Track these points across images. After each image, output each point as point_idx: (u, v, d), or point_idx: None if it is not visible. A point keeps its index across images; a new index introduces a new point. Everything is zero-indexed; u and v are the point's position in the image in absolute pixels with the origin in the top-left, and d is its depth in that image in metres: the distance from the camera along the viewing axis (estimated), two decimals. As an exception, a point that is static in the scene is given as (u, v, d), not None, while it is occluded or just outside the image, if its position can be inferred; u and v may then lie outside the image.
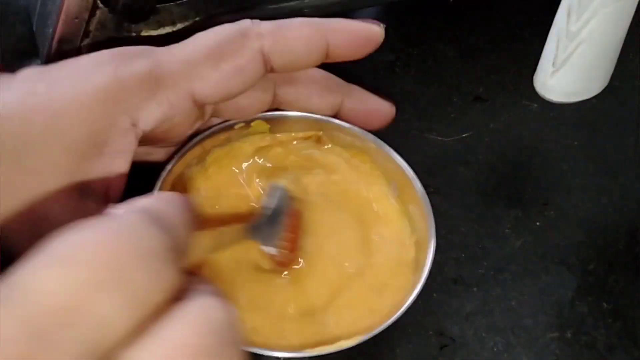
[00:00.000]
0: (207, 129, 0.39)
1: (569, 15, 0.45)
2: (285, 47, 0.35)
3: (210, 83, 0.34)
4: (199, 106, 0.35)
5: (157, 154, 0.38)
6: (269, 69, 0.36)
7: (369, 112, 0.39)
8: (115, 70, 0.33)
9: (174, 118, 0.35)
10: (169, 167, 0.36)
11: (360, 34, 0.37)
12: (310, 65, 0.37)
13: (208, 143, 0.39)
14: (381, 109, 0.39)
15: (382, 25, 0.37)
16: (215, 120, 0.39)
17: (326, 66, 0.48)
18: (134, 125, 0.34)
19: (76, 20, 0.40)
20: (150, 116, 0.34)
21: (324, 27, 0.36)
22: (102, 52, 0.35)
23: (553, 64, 0.47)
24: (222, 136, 0.39)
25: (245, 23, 0.35)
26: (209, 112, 0.38)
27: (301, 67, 0.37)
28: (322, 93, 0.39)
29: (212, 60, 0.34)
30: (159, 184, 0.36)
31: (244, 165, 0.39)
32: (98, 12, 0.40)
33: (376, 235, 0.38)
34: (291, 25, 0.36)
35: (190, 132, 0.38)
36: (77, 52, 0.41)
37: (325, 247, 0.37)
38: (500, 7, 0.54)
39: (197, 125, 0.38)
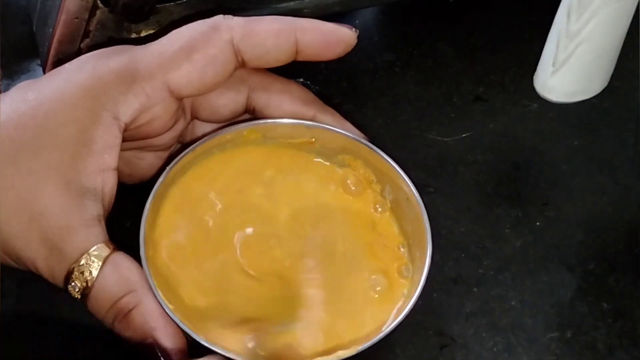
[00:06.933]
0: (199, 138, 0.39)
1: (569, 15, 0.45)
2: (255, 40, 0.36)
3: (183, 73, 0.36)
4: (177, 98, 0.37)
5: (147, 158, 0.39)
6: (240, 62, 0.37)
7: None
8: (94, 68, 0.35)
9: (153, 109, 0.36)
10: (162, 178, 0.37)
11: (330, 35, 0.38)
12: (281, 59, 0.38)
13: (200, 151, 0.39)
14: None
15: (355, 29, 0.38)
16: (206, 129, 0.40)
17: (329, 67, 0.48)
18: (116, 118, 0.35)
19: (76, 20, 0.40)
20: (129, 108, 0.35)
21: (294, 24, 0.37)
22: (85, 55, 0.37)
23: (553, 64, 0.47)
24: (215, 144, 0.39)
25: (217, 17, 0.37)
26: (188, 110, 0.39)
27: (271, 61, 0.38)
28: (294, 103, 0.40)
29: (184, 51, 0.36)
30: (155, 189, 0.36)
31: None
32: (98, 12, 0.40)
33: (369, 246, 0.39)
34: (261, 20, 0.37)
35: (172, 130, 0.38)
36: (77, 52, 0.41)
37: (315, 259, 0.38)
38: (500, 7, 0.54)
39: (181, 125, 0.39)
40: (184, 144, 0.40)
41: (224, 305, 0.36)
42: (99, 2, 0.40)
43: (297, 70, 0.48)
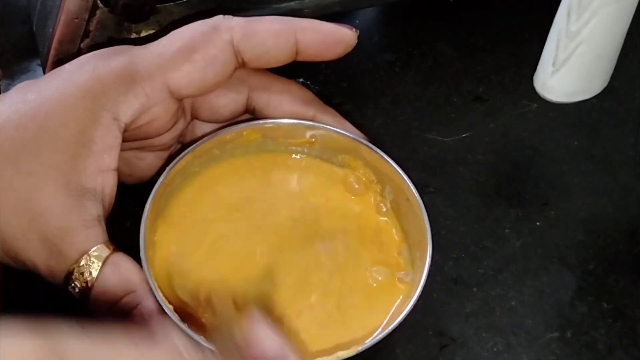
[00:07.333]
0: (199, 138, 0.39)
1: (569, 15, 0.45)
2: (255, 40, 0.36)
3: (183, 73, 0.36)
4: (177, 98, 0.37)
5: (147, 158, 0.39)
6: (240, 62, 0.37)
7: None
8: (94, 69, 0.35)
9: (153, 109, 0.36)
10: (162, 178, 0.37)
11: (330, 35, 0.38)
12: (281, 60, 0.38)
13: (200, 151, 0.39)
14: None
15: (355, 30, 0.38)
16: (206, 129, 0.40)
17: (329, 67, 0.48)
18: (116, 119, 0.35)
19: (76, 20, 0.40)
20: (129, 108, 0.35)
21: (294, 24, 0.37)
22: (85, 55, 0.37)
23: (553, 64, 0.47)
24: (215, 145, 0.39)
25: (217, 18, 0.37)
26: (188, 110, 0.39)
27: (272, 61, 0.38)
28: (293, 103, 0.40)
29: (184, 52, 0.36)
30: (155, 189, 0.36)
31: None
32: (98, 12, 0.40)
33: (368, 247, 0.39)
34: (261, 20, 0.37)
35: (172, 130, 0.38)
36: (77, 52, 0.41)
37: (315, 259, 0.38)
38: (500, 7, 0.54)
39: (181, 125, 0.39)
40: (184, 144, 0.40)
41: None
42: (99, 2, 0.40)
43: (297, 70, 0.48)
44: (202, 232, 0.38)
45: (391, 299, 0.36)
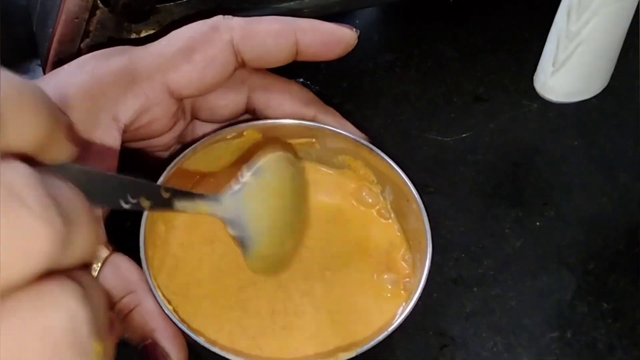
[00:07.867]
0: (200, 139, 0.39)
1: (569, 15, 0.45)
2: (255, 40, 0.36)
3: (183, 73, 0.36)
4: (177, 98, 0.37)
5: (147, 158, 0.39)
6: (240, 62, 0.37)
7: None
8: (93, 69, 0.35)
9: (152, 110, 0.36)
10: (162, 178, 0.36)
11: (330, 35, 0.38)
12: (281, 60, 0.38)
13: (200, 152, 0.39)
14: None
15: (355, 30, 0.38)
16: (206, 129, 0.40)
17: (329, 67, 0.48)
18: (115, 120, 0.35)
19: (76, 20, 0.40)
20: (128, 109, 0.35)
21: (294, 25, 0.37)
22: (85, 55, 0.37)
23: (553, 64, 0.47)
24: (215, 145, 0.39)
25: (217, 18, 0.37)
26: (188, 110, 0.39)
27: (272, 61, 0.38)
28: (294, 103, 0.40)
29: (184, 52, 0.36)
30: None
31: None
32: (98, 12, 0.40)
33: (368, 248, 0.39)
34: (261, 21, 0.37)
35: (172, 130, 0.38)
36: (77, 52, 0.41)
37: (317, 262, 0.38)
38: (500, 8, 0.54)
39: (181, 126, 0.39)
40: (184, 144, 0.40)
41: (229, 306, 0.36)
42: (99, 2, 0.40)
43: (297, 70, 0.48)
44: (204, 233, 0.38)
45: (396, 303, 0.36)
